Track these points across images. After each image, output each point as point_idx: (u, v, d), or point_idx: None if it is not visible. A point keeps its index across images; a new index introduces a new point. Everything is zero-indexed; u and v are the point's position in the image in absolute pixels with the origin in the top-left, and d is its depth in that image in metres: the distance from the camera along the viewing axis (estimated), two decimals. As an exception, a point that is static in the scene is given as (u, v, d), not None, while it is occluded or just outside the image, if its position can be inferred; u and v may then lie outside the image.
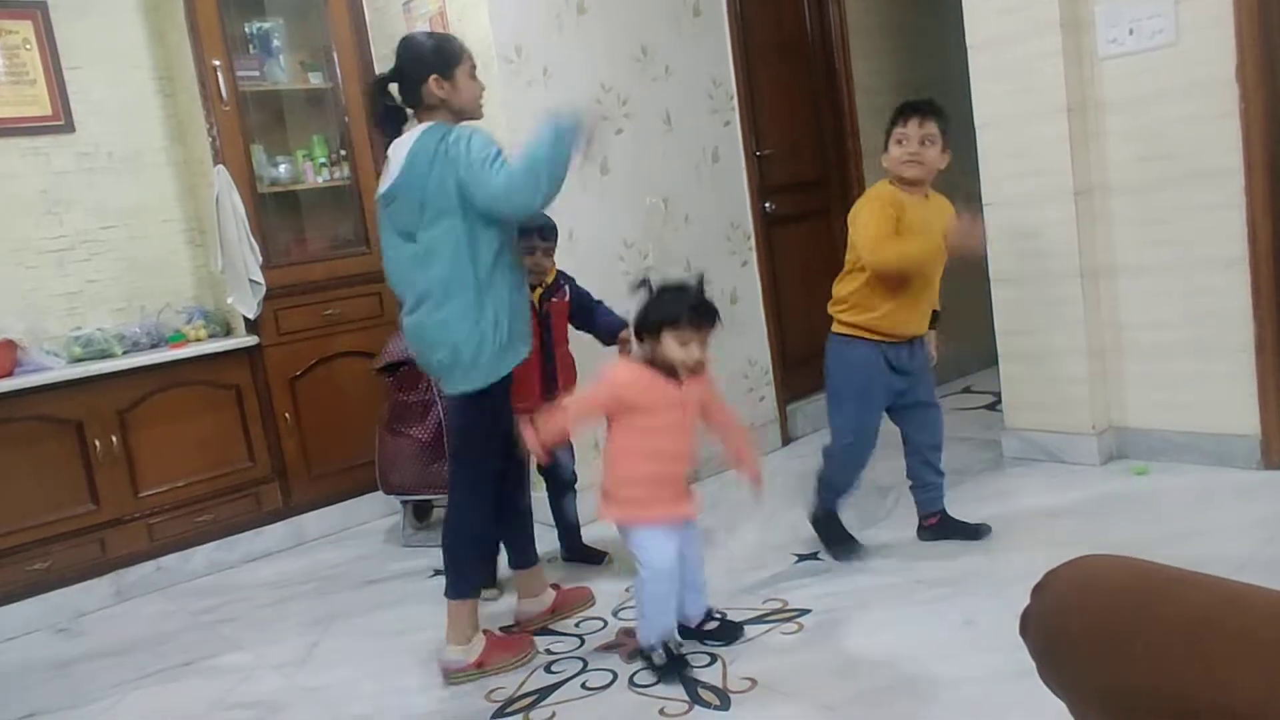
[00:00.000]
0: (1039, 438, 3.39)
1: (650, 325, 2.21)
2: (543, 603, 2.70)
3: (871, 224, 2.60)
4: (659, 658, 2.28)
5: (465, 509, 2.45)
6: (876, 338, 2.69)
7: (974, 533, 2.82)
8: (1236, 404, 3.01)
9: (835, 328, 2.77)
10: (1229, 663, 0.79)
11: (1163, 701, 0.82)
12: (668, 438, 2.25)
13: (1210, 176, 2.94)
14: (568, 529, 3.15)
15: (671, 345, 2.19)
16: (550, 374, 2.88)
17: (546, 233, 2.85)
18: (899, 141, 2.64)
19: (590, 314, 2.97)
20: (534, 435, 2.25)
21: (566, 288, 2.94)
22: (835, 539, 2.83)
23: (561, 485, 3.12)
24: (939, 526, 2.85)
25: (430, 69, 2.32)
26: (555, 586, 2.78)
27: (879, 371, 2.71)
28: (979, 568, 2.62)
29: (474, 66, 2.39)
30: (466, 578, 2.45)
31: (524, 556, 2.71)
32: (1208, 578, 0.91)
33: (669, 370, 2.22)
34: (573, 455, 3.11)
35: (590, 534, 3.15)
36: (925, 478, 2.85)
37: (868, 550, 2.81)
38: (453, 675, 2.41)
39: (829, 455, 2.82)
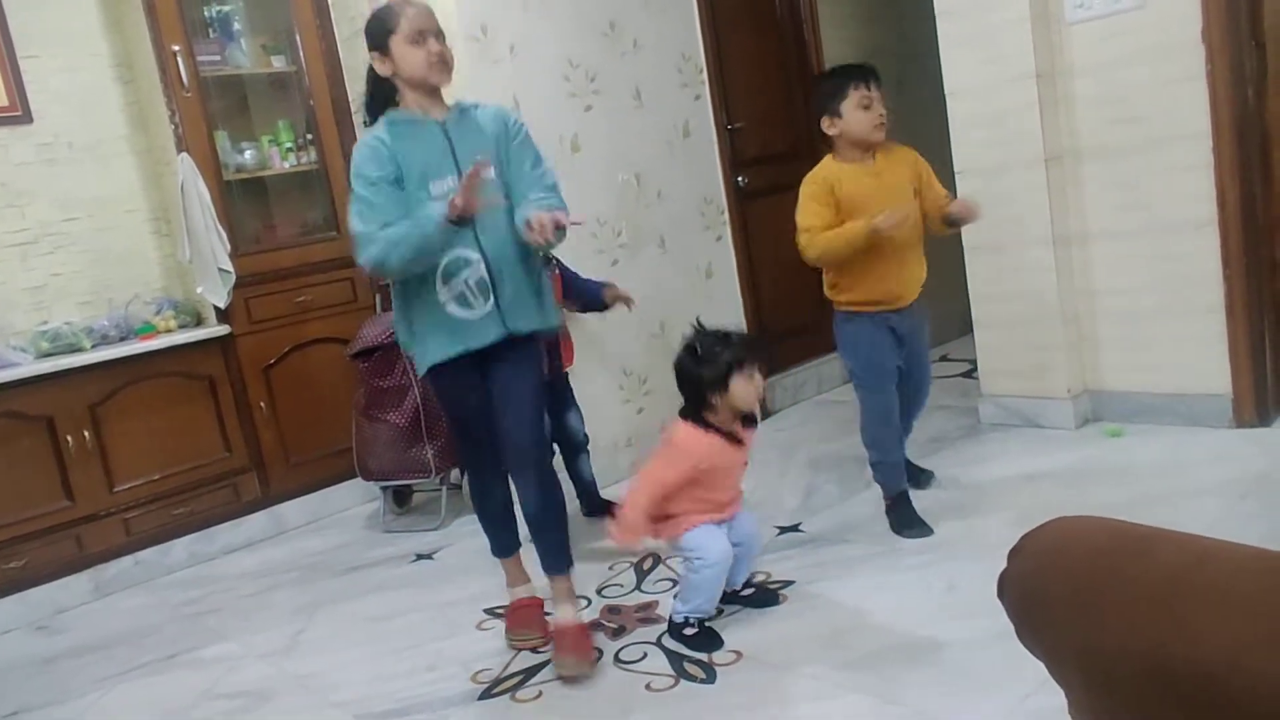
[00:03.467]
0: (1015, 403, 3.42)
1: (715, 381, 2.20)
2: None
3: (801, 221, 2.65)
4: (690, 630, 2.31)
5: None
6: (872, 309, 2.70)
7: (917, 477, 2.97)
8: (1208, 365, 3.04)
9: (839, 306, 2.78)
10: (1201, 618, 0.80)
11: (1138, 659, 0.83)
12: (727, 483, 2.32)
13: (1179, 139, 2.96)
14: (585, 488, 3.28)
15: (743, 387, 2.20)
16: (553, 346, 3.01)
17: None
18: (864, 105, 2.61)
19: (576, 282, 3.12)
20: (622, 536, 2.24)
21: (556, 265, 3.05)
22: (909, 522, 2.72)
23: (575, 448, 3.23)
24: None
25: (372, 48, 2.24)
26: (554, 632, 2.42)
27: (882, 339, 2.71)
28: (959, 534, 2.65)
29: (418, 32, 2.18)
30: (492, 540, 2.55)
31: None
32: (1180, 535, 0.92)
33: (728, 433, 2.25)
34: (581, 419, 3.22)
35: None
36: None
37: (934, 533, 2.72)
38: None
39: (868, 435, 2.80)
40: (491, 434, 2.37)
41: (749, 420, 2.30)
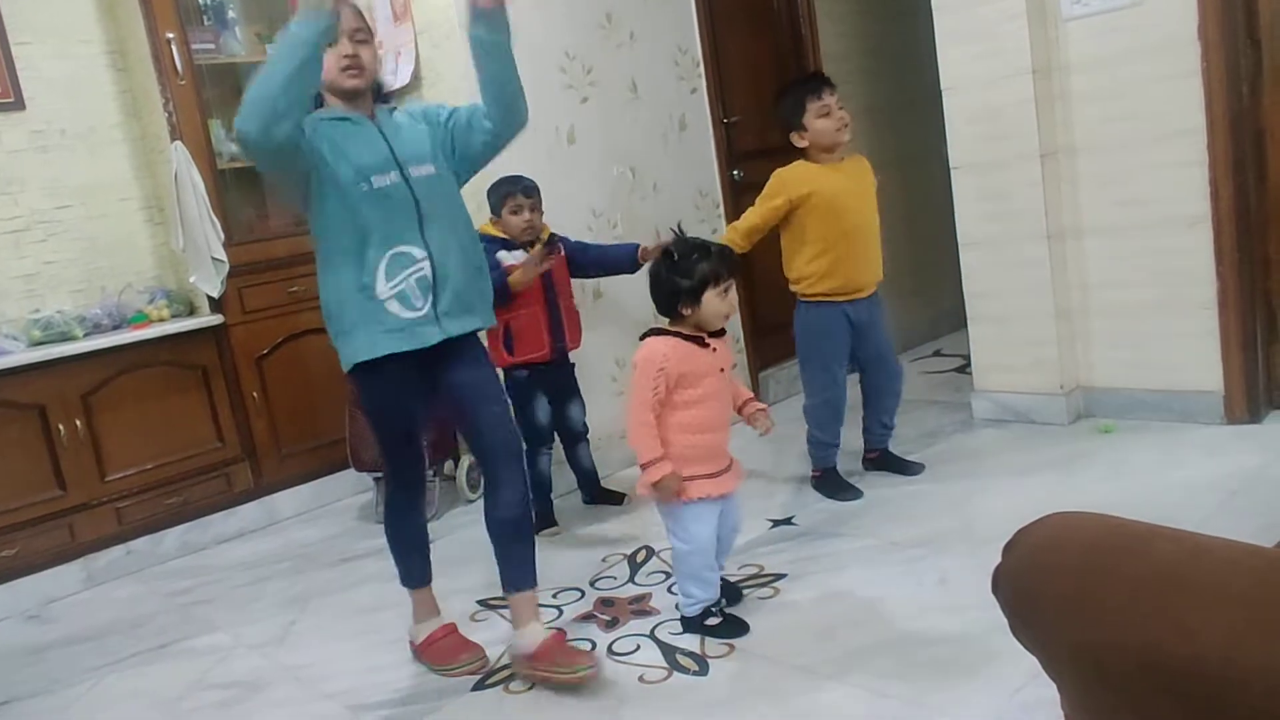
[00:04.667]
0: (1008, 399, 3.42)
1: (690, 292, 2.18)
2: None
3: (754, 210, 2.98)
4: (714, 619, 2.30)
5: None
6: (832, 299, 2.91)
7: (907, 468, 3.10)
8: (1200, 361, 3.05)
9: (800, 298, 3.00)
10: (1195, 613, 0.80)
11: (1132, 654, 0.83)
12: (710, 407, 2.24)
13: (1173, 136, 2.96)
14: (586, 477, 3.32)
15: (715, 301, 2.19)
16: (557, 326, 3.03)
17: (529, 189, 2.97)
18: (824, 114, 2.82)
19: (591, 253, 3.15)
20: (656, 491, 2.21)
21: (560, 244, 3.07)
22: (838, 488, 3.01)
23: (574, 437, 3.26)
24: (878, 461, 3.15)
25: None
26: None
27: (838, 326, 2.92)
28: (952, 528, 2.65)
29: (350, 30, 2.09)
30: (409, 566, 2.42)
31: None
32: (1174, 531, 0.92)
33: (695, 339, 2.22)
34: (583, 408, 3.23)
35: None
36: (874, 429, 3.13)
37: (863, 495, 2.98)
38: (415, 651, 2.41)
39: (809, 413, 3.04)
40: (419, 443, 2.30)
41: (717, 332, 2.27)
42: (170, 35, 3.40)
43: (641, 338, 2.27)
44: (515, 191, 2.93)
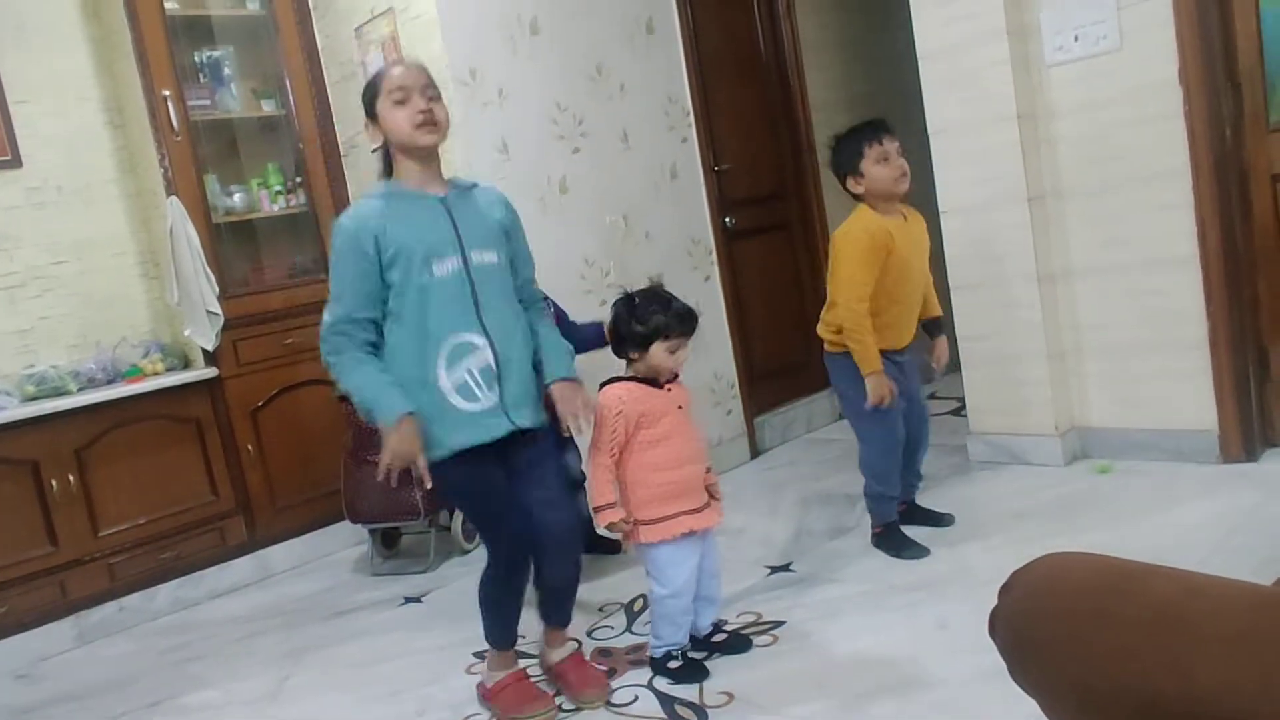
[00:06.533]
0: (1004, 441, 3.42)
1: (640, 339, 2.23)
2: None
3: (857, 276, 2.68)
4: (674, 663, 2.31)
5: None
6: (881, 349, 2.75)
7: (939, 520, 2.94)
8: (1193, 400, 3.06)
9: (833, 346, 2.82)
10: (1192, 654, 0.80)
11: (1130, 695, 0.82)
12: (674, 443, 2.26)
13: (1159, 178, 3.00)
14: (582, 525, 3.19)
15: (661, 355, 2.23)
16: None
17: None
18: (882, 160, 2.69)
19: (566, 326, 3.03)
20: (609, 515, 2.23)
21: (550, 302, 3.01)
22: (903, 545, 2.80)
23: (574, 485, 3.16)
24: (906, 514, 2.95)
25: (367, 113, 2.15)
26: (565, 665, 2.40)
27: (892, 372, 2.77)
28: (950, 571, 2.64)
29: (400, 88, 2.07)
30: (504, 631, 2.34)
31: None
32: (1170, 570, 0.92)
33: (649, 381, 2.26)
34: (579, 455, 3.17)
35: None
36: (907, 478, 2.95)
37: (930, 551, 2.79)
38: (483, 695, 2.36)
39: (868, 465, 2.85)
40: (514, 520, 2.20)
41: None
42: (166, 92, 3.44)
43: (601, 386, 2.30)
44: None
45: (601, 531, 2.31)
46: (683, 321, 2.25)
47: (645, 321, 2.23)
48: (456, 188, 2.20)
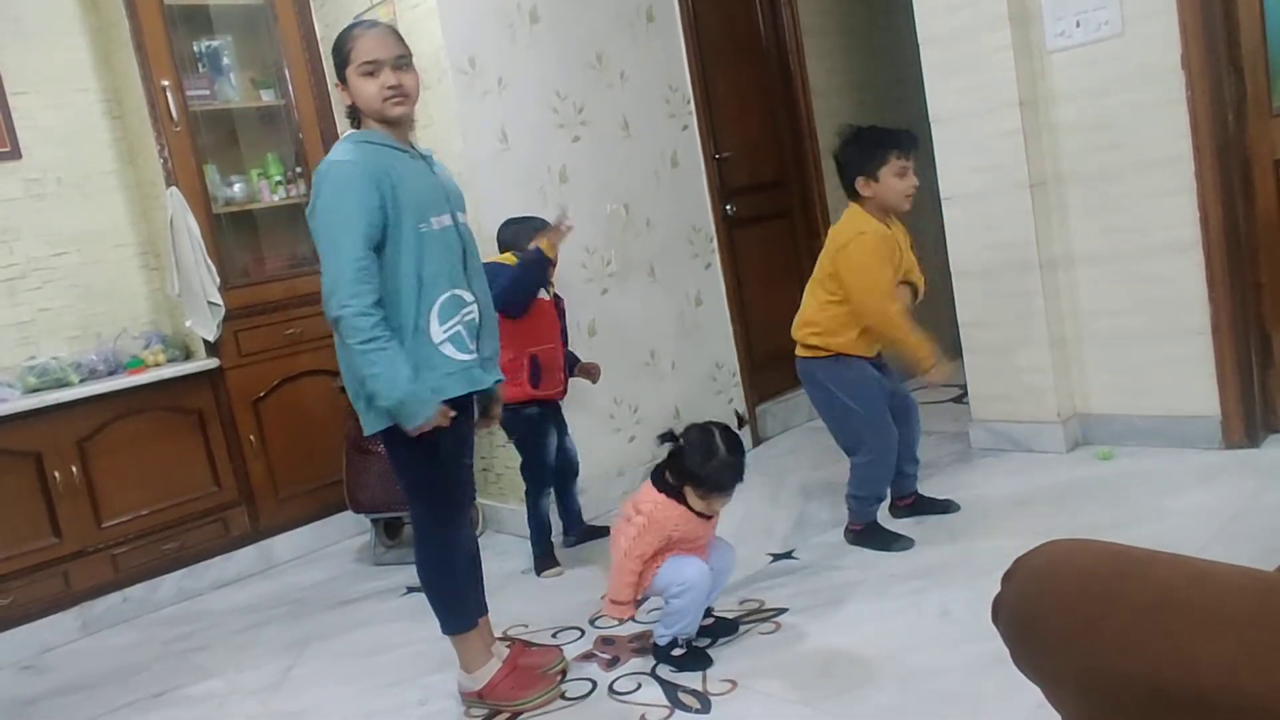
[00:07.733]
0: (1006, 428, 3.42)
1: (680, 479, 2.27)
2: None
3: (882, 280, 2.68)
4: (678, 650, 2.32)
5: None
6: (860, 352, 2.77)
7: (944, 508, 2.96)
8: (1196, 386, 3.06)
9: (815, 351, 2.80)
10: (1195, 639, 0.80)
11: (1133, 681, 0.82)
12: (694, 547, 2.34)
13: (1161, 164, 2.99)
14: (574, 515, 3.31)
15: (692, 499, 2.27)
16: (568, 365, 3.15)
17: (539, 224, 3.05)
18: (901, 174, 2.69)
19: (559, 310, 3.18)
20: (619, 614, 2.31)
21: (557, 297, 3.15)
22: (889, 540, 2.80)
23: (574, 470, 3.27)
24: (913, 506, 2.97)
25: (338, 77, 2.15)
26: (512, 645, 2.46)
27: (874, 377, 2.80)
28: (952, 559, 2.64)
29: (371, 61, 2.05)
30: (463, 605, 2.33)
31: None
32: (1173, 557, 0.92)
33: (697, 511, 2.29)
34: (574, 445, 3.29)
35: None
36: (903, 467, 2.93)
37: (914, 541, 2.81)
38: (465, 700, 2.33)
39: (862, 470, 2.82)
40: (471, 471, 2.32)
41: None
42: (165, 82, 3.43)
43: (651, 478, 2.32)
44: (545, 225, 3.01)
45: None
46: (726, 475, 2.25)
47: (694, 464, 2.24)
48: (426, 152, 2.23)
